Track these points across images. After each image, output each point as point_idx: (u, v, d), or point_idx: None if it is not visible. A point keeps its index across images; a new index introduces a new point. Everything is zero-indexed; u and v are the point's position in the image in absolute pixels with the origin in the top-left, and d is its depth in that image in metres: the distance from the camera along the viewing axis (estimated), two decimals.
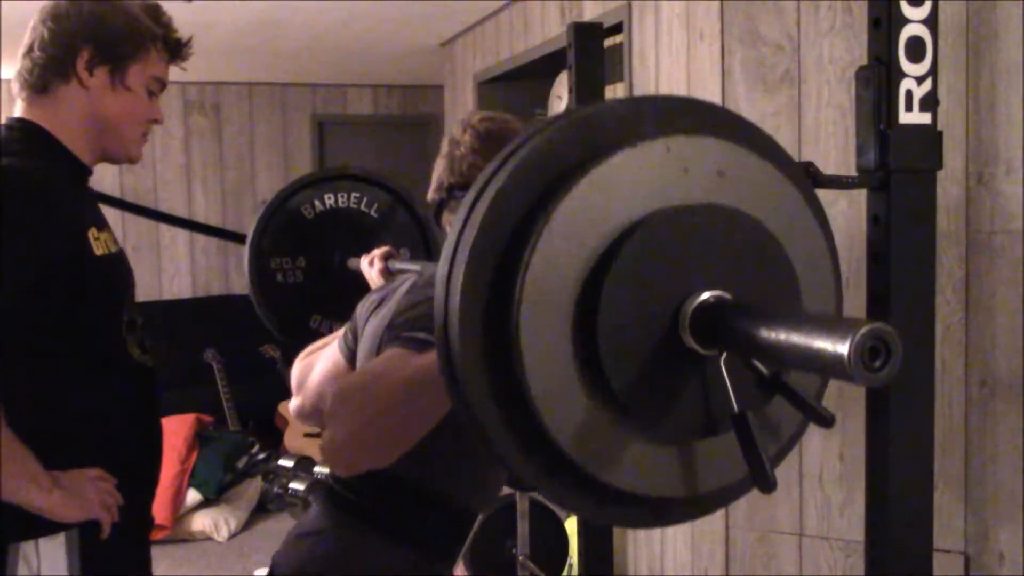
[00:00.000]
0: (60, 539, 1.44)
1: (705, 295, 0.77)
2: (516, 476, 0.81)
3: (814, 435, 2.42)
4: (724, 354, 0.77)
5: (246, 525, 4.59)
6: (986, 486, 2.10)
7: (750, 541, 2.65)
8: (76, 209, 1.50)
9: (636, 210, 0.78)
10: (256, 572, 3.89)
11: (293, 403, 1.64)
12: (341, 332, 1.63)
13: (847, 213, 2.30)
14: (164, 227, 6.16)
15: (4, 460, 1.33)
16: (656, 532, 3.10)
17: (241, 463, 4.83)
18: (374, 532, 1.50)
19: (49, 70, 1.51)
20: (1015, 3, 1.99)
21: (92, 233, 1.50)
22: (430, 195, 1.53)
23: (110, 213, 6.03)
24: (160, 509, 4.20)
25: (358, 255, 2.10)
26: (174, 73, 1.69)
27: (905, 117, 1.09)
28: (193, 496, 4.50)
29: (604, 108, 0.82)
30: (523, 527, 3.12)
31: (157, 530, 4.17)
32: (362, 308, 1.60)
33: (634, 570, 3.25)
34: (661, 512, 0.86)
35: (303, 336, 2.21)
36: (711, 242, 0.79)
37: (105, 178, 5.95)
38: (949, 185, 2.09)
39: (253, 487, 4.78)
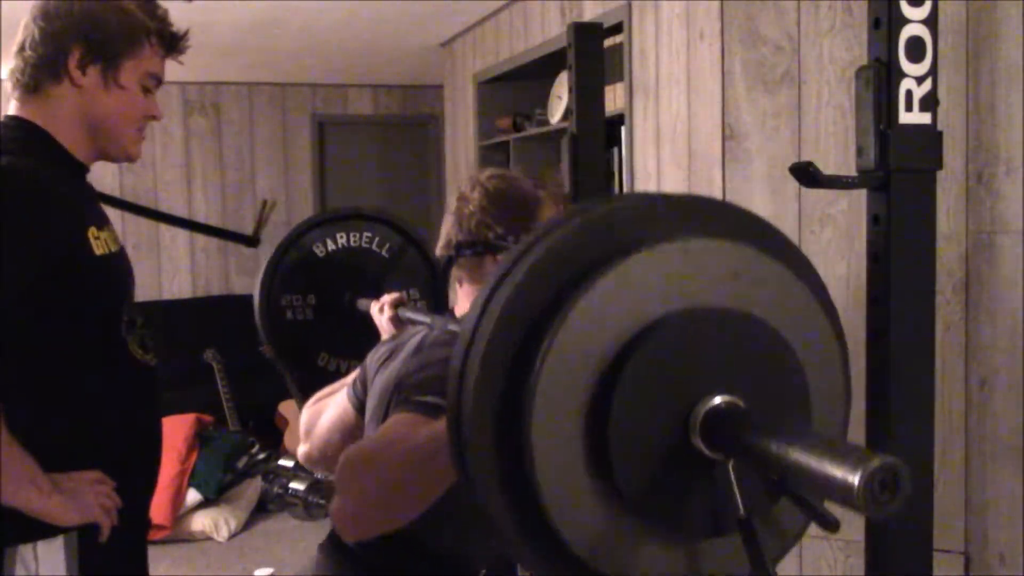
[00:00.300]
0: (58, 541, 1.43)
1: (716, 400, 0.78)
2: (525, 565, 0.83)
3: None
4: (732, 460, 0.78)
5: (246, 525, 4.59)
6: (986, 486, 2.10)
7: None
8: (75, 208, 1.49)
9: (650, 312, 0.78)
10: (256, 572, 3.89)
11: (301, 449, 1.66)
12: (350, 379, 1.65)
13: (847, 213, 2.31)
14: (164, 227, 6.16)
15: (3, 464, 1.33)
16: None
17: (241, 463, 4.83)
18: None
19: (40, 70, 1.49)
20: (1015, 3, 1.99)
21: (92, 232, 1.48)
22: (438, 251, 1.54)
23: (110, 213, 6.02)
24: (160, 509, 4.20)
25: (368, 294, 2.12)
26: (174, 73, 1.67)
27: (905, 117, 1.09)
28: (193, 496, 4.50)
29: (621, 207, 0.84)
30: None
31: (157, 530, 4.16)
32: (372, 359, 1.61)
33: None
34: None
35: (311, 373, 2.28)
36: (724, 347, 0.80)
37: (105, 178, 5.95)
38: (949, 185, 2.09)
39: (253, 487, 4.77)
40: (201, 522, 4.44)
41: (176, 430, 4.69)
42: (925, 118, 1.10)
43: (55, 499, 1.39)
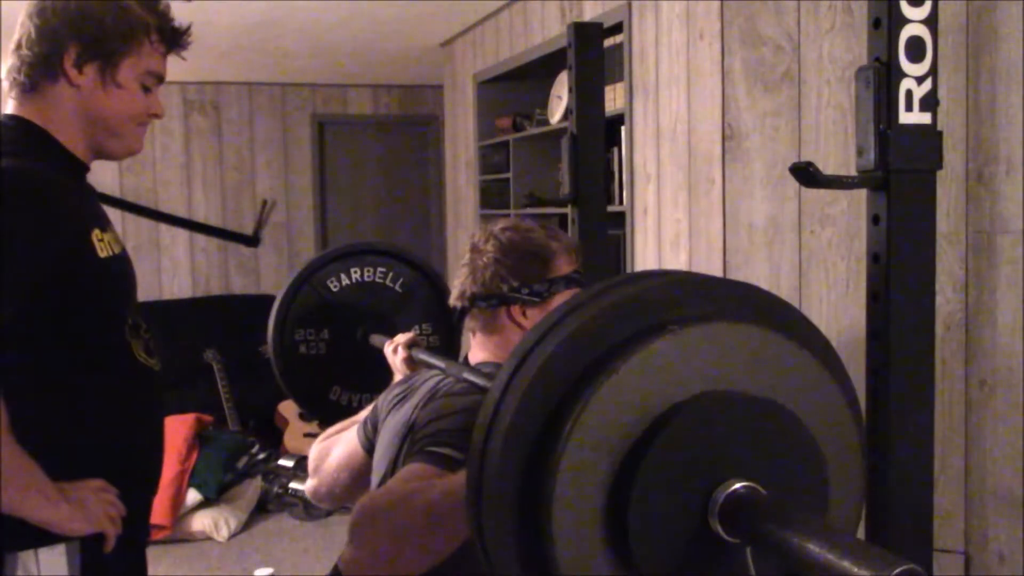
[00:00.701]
0: (60, 547, 1.41)
1: (736, 486, 0.78)
2: None
3: None
4: (750, 546, 0.78)
5: (246, 525, 4.58)
6: (986, 486, 2.09)
7: None
8: (78, 210, 1.46)
9: (672, 396, 0.80)
10: (256, 572, 3.89)
11: (309, 484, 1.68)
12: (361, 417, 1.66)
13: (847, 213, 2.31)
14: (164, 227, 6.16)
15: (9, 471, 1.31)
16: None
17: (241, 463, 4.83)
18: None
19: (37, 69, 1.46)
20: (1015, 3, 1.99)
21: (96, 234, 1.46)
22: (452, 301, 1.56)
23: (110, 213, 6.02)
24: (160, 509, 4.20)
25: (381, 329, 2.16)
26: (174, 73, 1.65)
27: (905, 117, 1.09)
28: (193, 496, 4.49)
29: (645, 288, 0.85)
30: None
31: (157, 530, 4.16)
32: (384, 400, 1.63)
33: None
34: None
35: (323, 407, 2.31)
36: (745, 431, 0.81)
37: (105, 178, 5.95)
38: (949, 185, 2.09)
39: (253, 487, 4.77)
40: (201, 522, 4.44)
41: (176, 430, 4.69)
42: (925, 118, 1.10)
43: (63, 508, 1.37)
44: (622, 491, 0.77)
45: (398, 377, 1.82)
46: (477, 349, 1.55)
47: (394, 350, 1.92)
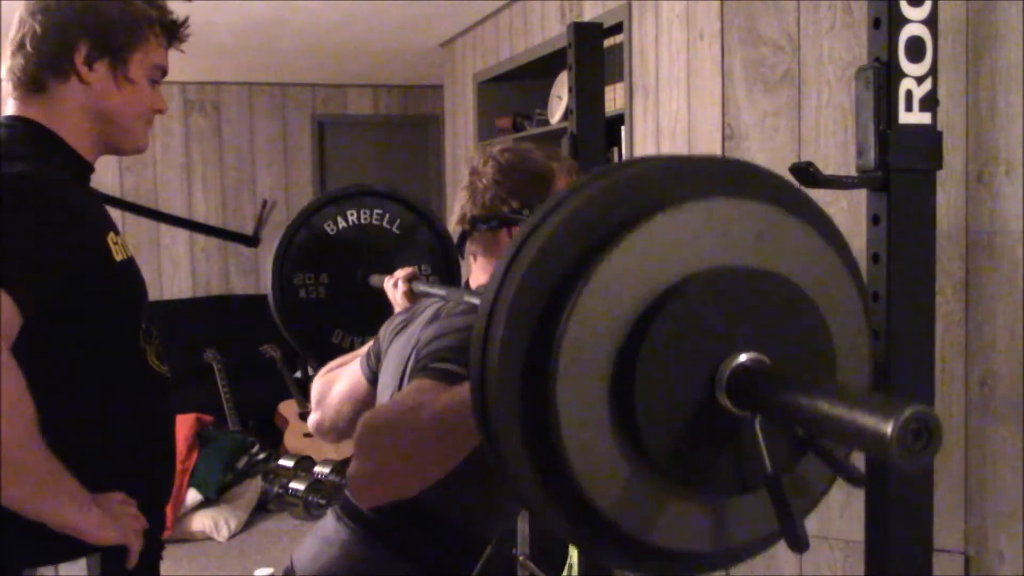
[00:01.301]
0: (81, 563, 1.38)
1: (742, 358, 0.78)
2: (545, 524, 0.82)
3: None
4: (759, 416, 0.78)
5: (246, 525, 4.58)
6: (986, 486, 2.09)
7: None
8: (93, 214, 1.44)
9: (675, 272, 0.78)
10: (256, 572, 3.89)
11: (312, 418, 1.65)
12: (364, 350, 1.65)
13: (847, 213, 2.31)
14: (164, 227, 6.16)
15: (41, 476, 1.27)
16: None
17: (241, 463, 4.83)
18: (384, 549, 1.51)
19: (45, 68, 1.43)
20: (1015, 3, 1.99)
21: (111, 238, 1.43)
22: (452, 226, 1.55)
23: (110, 213, 6.02)
24: None
25: (380, 271, 2.13)
26: (174, 73, 1.65)
27: (905, 117, 1.09)
28: (193, 496, 4.50)
29: (644, 169, 0.83)
30: (523, 527, 3.11)
31: None
32: (386, 330, 1.62)
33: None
34: (688, 565, 0.87)
35: (325, 351, 2.25)
36: (749, 305, 0.80)
37: (105, 178, 5.95)
38: (949, 185, 2.09)
39: (253, 487, 4.77)
40: (201, 522, 4.44)
41: (176, 430, 4.69)
42: (925, 118, 1.10)
43: (95, 514, 1.33)
44: (627, 369, 0.76)
45: (399, 311, 1.81)
46: (478, 272, 1.55)
47: (394, 284, 1.93)
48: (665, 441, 0.77)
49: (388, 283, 1.94)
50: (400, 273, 1.91)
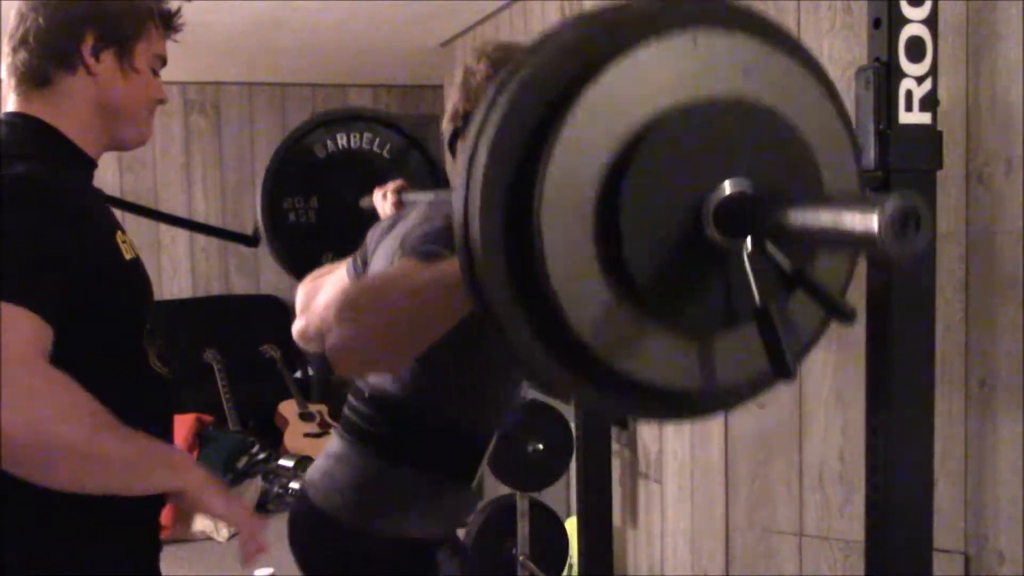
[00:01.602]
0: None
1: (729, 187, 0.77)
2: (533, 372, 0.80)
3: (814, 435, 2.42)
4: (748, 247, 0.76)
5: None
6: (986, 486, 2.09)
7: (750, 541, 2.65)
8: (103, 214, 1.44)
9: (660, 103, 0.77)
10: (256, 572, 3.89)
11: (297, 324, 1.63)
12: (349, 259, 1.65)
13: None
14: (164, 227, 6.15)
15: (128, 459, 1.28)
16: (656, 532, 3.10)
17: (241, 463, 4.83)
18: (383, 457, 1.55)
19: (51, 61, 1.41)
20: (1015, 3, 1.99)
21: (120, 237, 1.42)
22: (444, 124, 1.55)
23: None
24: None
25: (370, 196, 2.11)
26: (174, 73, 1.65)
27: (905, 117, 1.09)
28: None
29: (628, 3, 0.82)
30: (523, 527, 3.11)
31: None
32: (373, 234, 1.63)
33: (634, 570, 3.25)
34: (679, 406, 0.86)
35: None
36: (735, 136, 0.79)
37: (105, 178, 5.95)
38: (949, 185, 2.09)
39: (253, 487, 4.77)
40: (201, 522, 4.44)
41: (176, 430, 4.68)
42: (925, 118, 1.10)
43: (196, 475, 1.34)
44: (612, 198, 0.75)
45: None
46: None
47: (383, 195, 1.94)
48: (651, 271, 0.76)
49: (378, 194, 1.95)
50: (390, 185, 1.93)
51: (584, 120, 0.75)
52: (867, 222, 0.64)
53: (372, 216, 1.96)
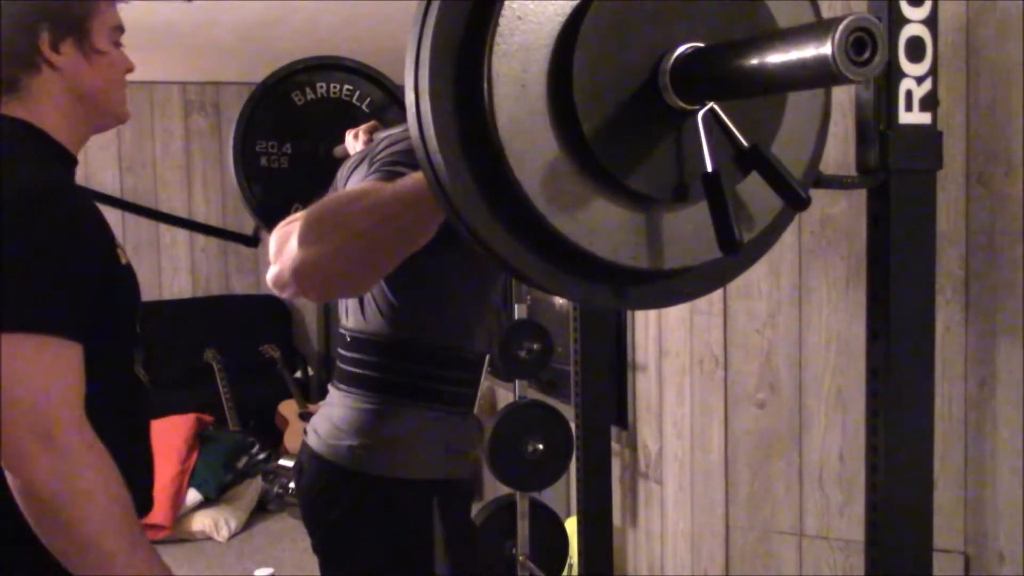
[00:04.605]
0: None
1: (685, 48, 0.75)
2: (480, 239, 0.77)
3: (814, 435, 2.42)
4: (704, 109, 0.74)
5: (246, 525, 4.59)
6: (986, 486, 2.10)
7: (750, 541, 2.65)
8: (101, 218, 1.41)
9: None
10: (256, 572, 3.89)
11: (271, 272, 1.59)
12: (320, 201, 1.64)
13: (847, 213, 2.30)
14: (164, 227, 6.16)
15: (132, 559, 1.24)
16: (656, 532, 3.10)
17: (241, 463, 4.83)
18: (381, 395, 1.54)
19: (15, 66, 1.39)
20: (1015, 3, 1.99)
21: (116, 244, 1.42)
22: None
23: (110, 213, 6.03)
24: (160, 509, 4.20)
25: (343, 146, 2.08)
26: (174, 73, 1.64)
27: (905, 117, 1.09)
28: (193, 496, 4.50)
29: None
30: (523, 527, 3.11)
31: (157, 530, 4.16)
32: (343, 171, 1.62)
33: (634, 570, 3.25)
34: (624, 289, 0.83)
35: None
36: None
37: (105, 178, 5.95)
38: (949, 185, 2.09)
39: (253, 487, 4.77)
40: (201, 522, 4.44)
41: (176, 430, 4.69)
42: (925, 118, 1.10)
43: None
44: (566, 52, 0.73)
45: None
46: None
47: (355, 136, 1.91)
48: (600, 126, 0.74)
49: (349, 135, 1.92)
50: (363, 126, 1.91)
51: None
52: (820, 50, 0.62)
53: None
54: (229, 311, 6.12)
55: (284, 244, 1.57)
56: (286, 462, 4.86)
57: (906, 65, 1.08)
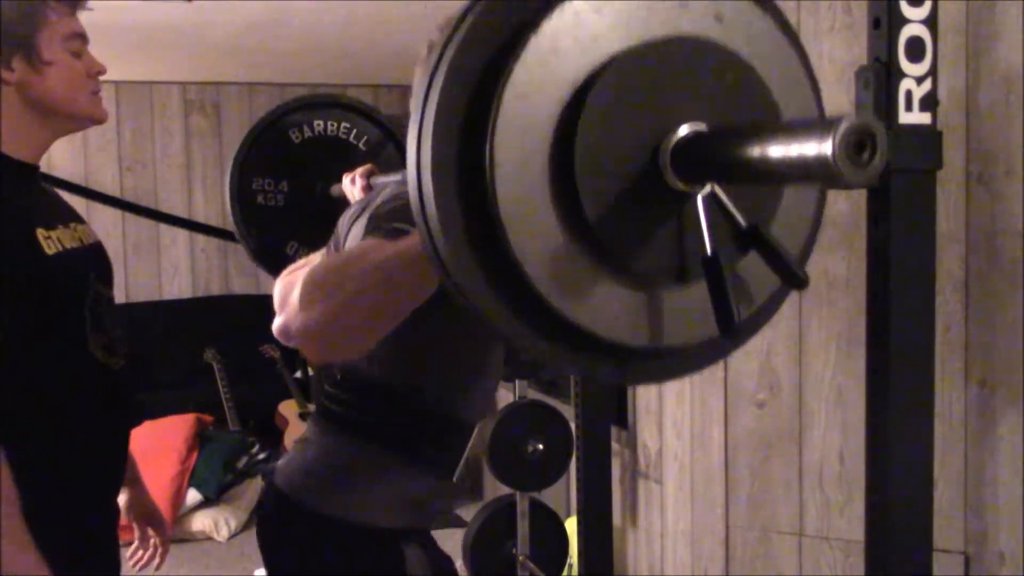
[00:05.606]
0: None
1: (686, 129, 0.75)
2: (480, 314, 0.78)
3: (814, 435, 2.42)
4: (704, 191, 0.75)
5: (246, 525, 4.58)
6: (986, 486, 2.09)
7: (750, 541, 2.65)
8: (17, 212, 1.45)
9: (622, 41, 0.75)
10: (256, 572, 3.89)
11: (276, 322, 1.60)
12: (323, 250, 1.63)
13: (847, 213, 2.30)
14: (164, 227, 6.16)
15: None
16: (656, 532, 3.10)
17: (241, 463, 4.83)
18: (362, 442, 1.52)
19: None
20: (1015, 3, 1.99)
21: (41, 233, 1.45)
22: (412, 104, 1.52)
23: (110, 213, 6.03)
24: (160, 509, 4.19)
25: (340, 184, 2.08)
26: (174, 73, 1.65)
27: (905, 117, 1.09)
28: (193, 496, 4.50)
29: None
30: (523, 527, 3.11)
31: None
32: (343, 220, 1.60)
33: (634, 570, 3.25)
34: (625, 364, 0.83)
35: (277, 261, 2.16)
36: (693, 77, 0.77)
37: (105, 178, 5.95)
38: (949, 185, 2.09)
39: (253, 487, 4.77)
40: (201, 522, 4.44)
41: (176, 430, 4.69)
42: (925, 118, 1.10)
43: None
44: (568, 133, 0.72)
45: None
46: None
47: (352, 180, 1.90)
48: (603, 211, 0.74)
49: (346, 179, 1.92)
50: (359, 169, 1.90)
51: (544, 49, 0.72)
52: (821, 147, 0.61)
53: (341, 205, 1.91)
54: (229, 311, 6.12)
55: (288, 295, 1.59)
56: None
57: (906, 65, 1.08)
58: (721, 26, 0.79)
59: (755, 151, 0.68)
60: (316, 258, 1.64)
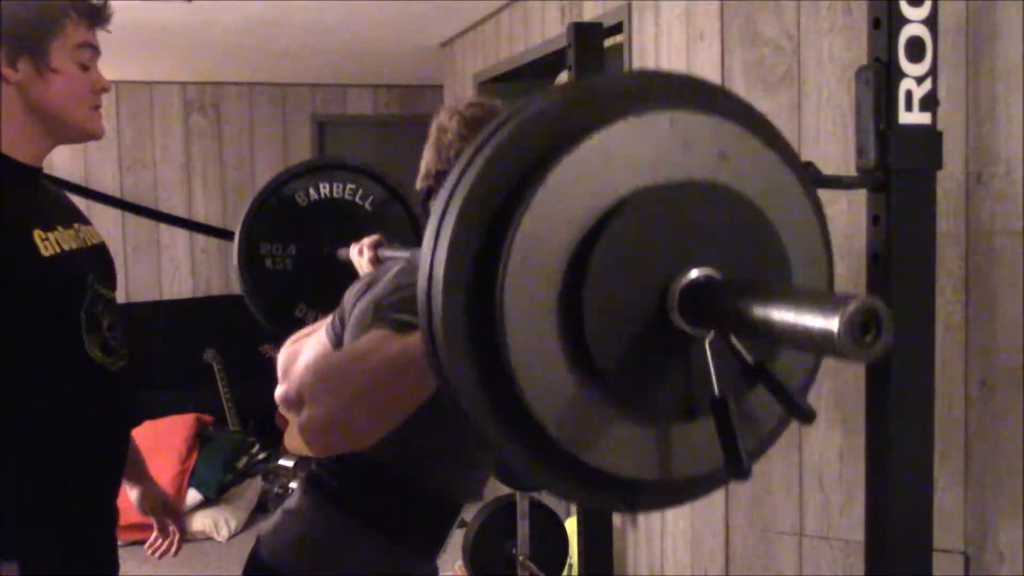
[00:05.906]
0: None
1: (695, 274, 0.76)
2: (490, 447, 0.79)
3: (814, 435, 2.42)
4: (710, 336, 0.76)
5: (246, 525, 4.59)
6: (986, 486, 2.10)
7: (750, 541, 2.65)
8: (14, 214, 1.46)
9: (632, 184, 0.76)
10: None
11: (278, 390, 1.60)
12: (329, 319, 1.62)
13: (847, 213, 2.30)
14: (164, 227, 6.16)
15: None
16: (656, 532, 3.10)
17: (241, 463, 4.83)
18: (349, 519, 1.49)
19: None
20: (1015, 3, 1.99)
21: (38, 234, 1.45)
22: (418, 183, 1.52)
23: (110, 213, 6.04)
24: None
25: (348, 246, 2.10)
26: (174, 73, 1.66)
27: (905, 117, 1.09)
28: (193, 496, 4.50)
29: (609, 78, 0.82)
30: (523, 527, 3.11)
31: None
32: (350, 295, 1.59)
33: (634, 570, 3.25)
34: (634, 496, 0.84)
35: (287, 324, 2.19)
36: (705, 221, 0.77)
37: (105, 178, 5.96)
38: (949, 185, 2.09)
39: (253, 487, 4.78)
40: (201, 522, 4.44)
41: (176, 430, 4.69)
42: (925, 118, 1.10)
43: None
44: (575, 286, 0.73)
45: None
46: None
47: (359, 251, 1.90)
48: (613, 356, 0.75)
49: (354, 249, 1.92)
50: (367, 240, 1.90)
51: (554, 194, 0.73)
52: (827, 325, 0.62)
53: (347, 269, 1.94)
54: (229, 311, 6.12)
55: (291, 364, 1.59)
56: (286, 462, 4.86)
57: (906, 65, 1.08)
58: (727, 164, 0.79)
59: (761, 312, 0.69)
60: (319, 327, 1.64)
